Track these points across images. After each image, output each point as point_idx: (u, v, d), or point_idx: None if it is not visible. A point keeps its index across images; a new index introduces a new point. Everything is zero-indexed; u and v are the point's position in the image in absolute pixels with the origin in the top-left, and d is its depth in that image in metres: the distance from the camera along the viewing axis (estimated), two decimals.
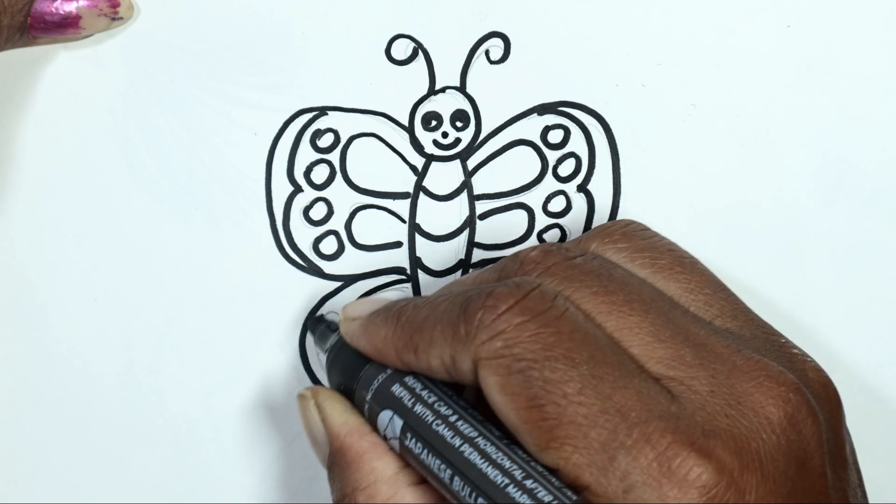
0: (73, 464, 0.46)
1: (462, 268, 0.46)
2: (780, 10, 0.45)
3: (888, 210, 0.45)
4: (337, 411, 0.39)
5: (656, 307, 0.37)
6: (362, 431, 0.38)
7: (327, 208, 0.46)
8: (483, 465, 0.34)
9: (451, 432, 0.35)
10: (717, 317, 0.38)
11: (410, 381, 0.37)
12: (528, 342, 0.35)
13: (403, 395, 0.37)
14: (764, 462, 0.34)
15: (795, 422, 0.35)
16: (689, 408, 0.34)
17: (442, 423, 0.36)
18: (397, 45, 0.45)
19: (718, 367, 0.35)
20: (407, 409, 0.36)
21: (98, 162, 0.46)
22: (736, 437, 0.34)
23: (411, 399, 0.37)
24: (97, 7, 0.44)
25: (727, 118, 0.45)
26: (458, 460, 0.35)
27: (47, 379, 0.46)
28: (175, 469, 0.46)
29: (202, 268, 0.46)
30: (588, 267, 0.38)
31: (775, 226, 0.45)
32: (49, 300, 0.46)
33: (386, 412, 0.37)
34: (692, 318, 0.37)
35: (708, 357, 0.36)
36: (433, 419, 0.36)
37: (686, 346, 0.36)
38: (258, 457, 0.46)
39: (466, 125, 0.46)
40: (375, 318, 0.39)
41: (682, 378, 0.35)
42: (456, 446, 0.35)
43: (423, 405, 0.36)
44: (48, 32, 0.44)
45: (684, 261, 0.39)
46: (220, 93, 0.46)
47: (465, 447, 0.35)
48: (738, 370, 0.35)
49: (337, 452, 0.38)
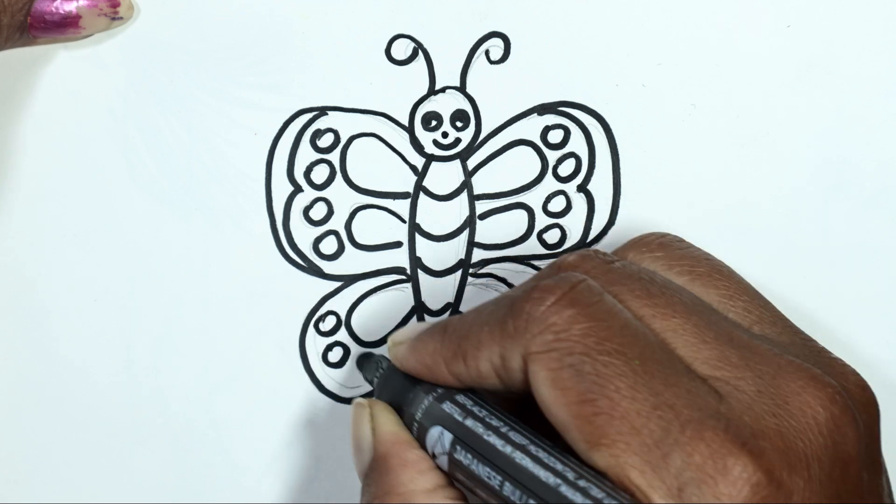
0: (73, 464, 0.46)
1: (462, 268, 0.46)
2: (780, 10, 0.45)
3: (888, 210, 0.45)
4: (389, 422, 0.39)
5: (697, 311, 0.37)
6: (410, 445, 0.38)
7: (327, 208, 0.46)
8: (535, 469, 0.34)
9: (501, 441, 0.35)
10: (756, 323, 0.38)
11: (461, 398, 0.37)
12: (579, 335, 0.35)
13: (454, 410, 0.37)
14: (811, 463, 0.34)
15: (840, 424, 0.35)
16: (738, 408, 0.34)
17: (493, 434, 0.36)
18: (397, 45, 0.46)
19: (764, 368, 0.35)
20: (457, 424, 0.37)
21: (98, 162, 0.46)
22: (784, 437, 0.34)
23: (462, 414, 0.37)
24: (97, 7, 0.44)
25: (727, 118, 0.45)
26: (509, 466, 0.35)
27: (47, 379, 0.46)
28: (175, 469, 0.46)
29: (202, 268, 0.46)
30: (628, 271, 0.38)
31: (775, 226, 0.45)
32: (49, 300, 0.46)
33: (436, 428, 0.37)
34: (732, 323, 0.37)
35: (753, 358, 0.35)
36: (483, 430, 0.36)
37: (730, 347, 0.36)
38: (258, 457, 0.46)
39: (466, 125, 0.46)
40: (422, 336, 0.39)
41: (729, 378, 0.35)
42: (507, 454, 0.35)
43: (474, 419, 0.36)
44: (48, 32, 0.44)
45: (721, 269, 0.39)
46: (220, 93, 0.46)
47: (515, 454, 0.35)
48: (784, 372, 0.35)
49: (380, 459, 0.38)
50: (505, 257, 0.46)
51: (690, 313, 0.36)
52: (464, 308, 0.46)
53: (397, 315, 0.46)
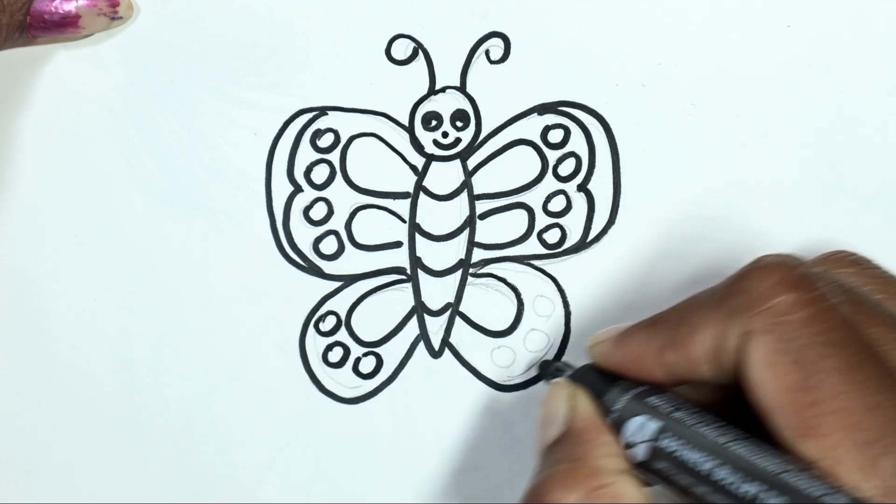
0: (73, 464, 0.46)
1: (462, 267, 0.46)
2: (780, 10, 0.45)
3: (888, 210, 0.45)
4: (590, 406, 0.39)
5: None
6: (605, 429, 0.38)
7: (327, 208, 0.46)
8: (755, 457, 0.34)
9: (716, 432, 0.36)
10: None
11: (668, 395, 0.37)
12: (803, 323, 0.35)
13: (661, 404, 0.37)
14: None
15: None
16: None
17: (705, 426, 0.36)
18: (397, 45, 0.45)
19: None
20: (665, 415, 0.37)
21: (98, 162, 0.46)
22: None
23: (670, 408, 0.37)
24: (97, 6, 0.44)
25: (727, 118, 0.45)
26: (726, 454, 0.35)
27: (47, 379, 0.46)
28: (175, 469, 0.46)
29: (202, 268, 0.46)
30: (829, 277, 0.37)
31: (775, 226, 0.45)
32: (49, 300, 0.46)
33: (637, 419, 0.37)
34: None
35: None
36: (695, 422, 0.36)
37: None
38: (258, 457, 0.46)
39: (466, 125, 0.46)
40: (630, 331, 0.39)
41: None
42: (722, 443, 0.35)
43: (685, 411, 0.37)
44: (48, 32, 0.44)
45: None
46: (220, 93, 0.46)
47: (732, 444, 0.35)
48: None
49: (576, 432, 0.38)
50: (505, 257, 0.46)
51: (892, 326, 0.36)
52: (465, 308, 0.46)
53: (397, 315, 0.46)
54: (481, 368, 0.46)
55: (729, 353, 0.36)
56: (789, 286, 0.35)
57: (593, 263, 0.45)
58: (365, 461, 0.46)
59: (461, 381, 0.46)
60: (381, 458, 0.46)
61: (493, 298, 0.46)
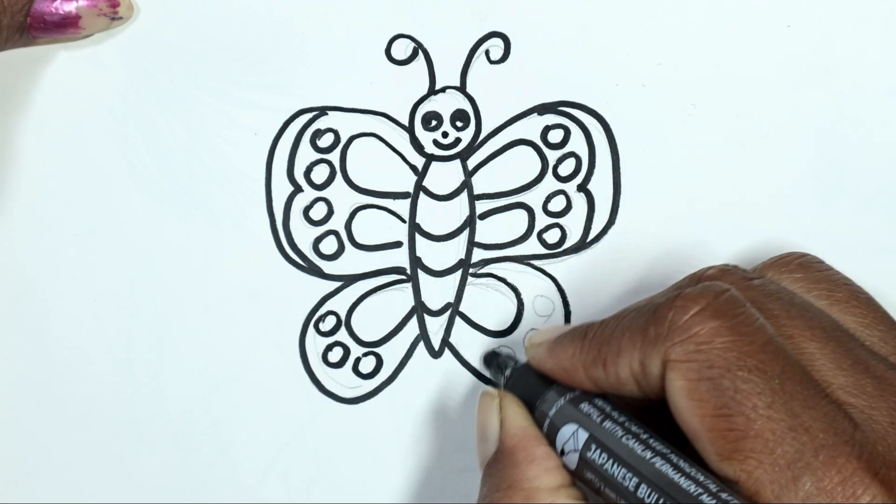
0: (73, 464, 0.46)
1: (462, 267, 0.46)
2: (780, 10, 0.45)
3: (888, 210, 0.45)
4: (519, 416, 0.39)
5: (836, 337, 0.37)
6: (539, 440, 0.38)
7: (327, 208, 0.46)
8: (675, 476, 0.35)
9: (641, 446, 0.36)
10: (892, 354, 0.38)
11: (599, 402, 0.38)
12: (721, 349, 0.35)
13: (592, 412, 0.37)
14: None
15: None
16: (872, 437, 0.34)
17: (632, 438, 0.36)
18: (397, 45, 0.45)
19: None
20: (594, 424, 0.37)
21: (98, 162, 0.46)
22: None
23: (600, 416, 0.37)
24: (97, 7, 0.44)
25: (727, 118, 0.45)
26: (648, 470, 0.35)
27: (47, 379, 0.46)
28: (175, 469, 0.46)
29: (202, 268, 0.46)
30: (768, 290, 0.38)
31: (775, 226, 0.45)
32: (49, 300, 0.46)
33: (569, 426, 0.37)
34: (869, 351, 0.37)
35: (888, 390, 0.36)
36: (622, 434, 0.36)
37: (867, 376, 0.36)
38: (258, 457, 0.46)
39: (466, 125, 0.46)
40: (562, 340, 0.39)
41: (864, 407, 0.35)
42: (647, 458, 0.35)
43: (613, 422, 0.37)
44: (48, 32, 0.44)
45: (860, 296, 0.39)
46: (220, 93, 0.46)
47: (655, 459, 0.35)
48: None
49: (507, 451, 0.38)
50: (505, 257, 0.46)
51: (829, 338, 0.36)
52: (464, 308, 0.46)
53: (397, 315, 0.46)
54: (481, 368, 0.46)
55: (652, 377, 0.36)
56: (711, 314, 0.35)
57: (593, 263, 0.45)
58: (365, 461, 0.46)
59: (461, 382, 0.46)
60: (381, 458, 0.46)
61: (493, 298, 0.46)
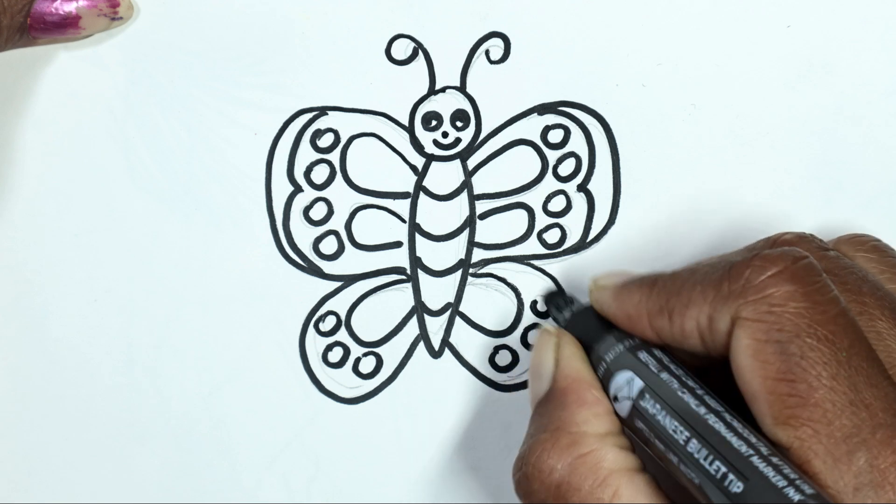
0: (73, 464, 0.46)
1: (462, 267, 0.46)
2: (780, 10, 0.45)
3: (888, 210, 0.45)
4: (575, 357, 0.39)
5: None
6: (593, 384, 0.38)
7: (327, 208, 0.46)
8: (727, 434, 0.34)
9: (696, 401, 0.36)
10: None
11: (658, 353, 0.37)
12: (793, 313, 0.35)
13: (650, 361, 0.37)
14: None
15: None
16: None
17: (688, 392, 0.36)
18: (397, 45, 0.45)
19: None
20: (651, 374, 0.37)
21: (98, 162, 0.46)
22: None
23: (657, 366, 0.37)
24: (97, 7, 0.44)
25: (727, 118, 0.45)
26: (701, 426, 0.35)
27: (47, 379, 0.46)
28: (175, 469, 0.46)
29: (202, 268, 0.46)
30: (842, 263, 0.38)
31: (775, 226, 0.45)
32: (49, 300, 0.46)
33: (625, 373, 0.37)
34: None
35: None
36: (678, 387, 0.36)
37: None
38: (258, 457, 0.46)
39: (466, 125, 0.46)
40: (629, 286, 0.39)
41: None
42: (700, 413, 0.35)
43: (669, 374, 0.37)
44: (48, 32, 0.44)
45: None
46: (220, 93, 0.46)
47: (709, 416, 0.35)
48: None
49: (559, 392, 0.38)
50: (505, 257, 0.46)
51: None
52: (464, 308, 0.46)
53: (397, 315, 0.46)
54: (481, 368, 0.46)
55: (719, 333, 0.36)
56: (787, 278, 0.35)
57: (593, 263, 0.45)
58: (365, 461, 0.46)
59: (461, 381, 0.46)
60: (381, 458, 0.46)
61: (493, 298, 0.46)
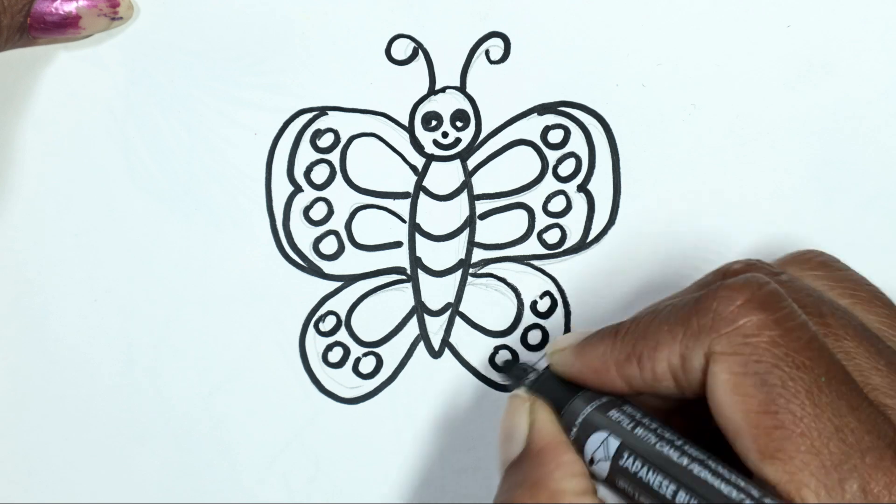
0: (73, 464, 0.46)
1: (462, 268, 0.46)
2: (780, 10, 0.45)
3: (888, 210, 0.45)
4: (550, 421, 0.38)
5: (867, 336, 0.36)
6: (567, 446, 0.37)
7: (327, 208, 0.46)
8: (716, 482, 0.34)
9: (676, 452, 0.35)
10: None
11: (629, 409, 0.36)
12: (768, 342, 0.34)
13: (621, 418, 0.36)
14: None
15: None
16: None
17: (667, 444, 0.35)
18: (397, 45, 0.45)
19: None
20: (626, 431, 0.36)
21: (98, 162, 0.46)
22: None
23: (630, 423, 0.36)
24: (97, 7, 0.44)
25: (727, 118, 0.45)
26: (687, 477, 0.34)
27: (47, 379, 0.46)
28: (175, 469, 0.46)
29: (202, 268, 0.46)
30: (797, 285, 0.37)
31: (775, 226, 0.45)
32: (49, 300, 0.46)
33: (599, 434, 0.36)
34: (893, 351, 0.37)
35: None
36: (655, 440, 0.35)
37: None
38: (258, 457, 0.46)
39: (466, 125, 0.46)
40: (590, 340, 0.38)
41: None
42: (684, 465, 0.34)
43: (645, 428, 0.36)
44: (48, 32, 0.44)
45: (881, 296, 0.38)
46: (220, 93, 0.46)
47: (693, 465, 0.34)
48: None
49: (535, 453, 0.37)
50: (505, 257, 0.46)
51: (861, 338, 0.36)
52: (464, 308, 0.46)
53: (397, 315, 0.46)
54: (481, 368, 0.46)
55: (693, 371, 0.35)
56: (755, 306, 0.34)
57: (593, 263, 0.45)
58: (365, 461, 0.46)
59: (461, 381, 0.46)
60: (381, 458, 0.46)
61: (493, 298, 0.46)
